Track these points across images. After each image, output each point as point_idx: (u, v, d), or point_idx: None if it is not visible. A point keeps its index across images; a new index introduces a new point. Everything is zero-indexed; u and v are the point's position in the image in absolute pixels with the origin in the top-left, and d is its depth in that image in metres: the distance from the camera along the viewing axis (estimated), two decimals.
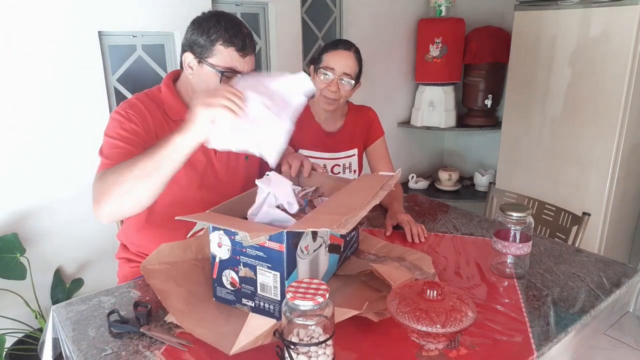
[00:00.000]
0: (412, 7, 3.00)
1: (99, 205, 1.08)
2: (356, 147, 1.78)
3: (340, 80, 1.59)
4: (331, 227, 0.87)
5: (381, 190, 1.10)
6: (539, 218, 1.80)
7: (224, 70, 1.20)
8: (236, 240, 0.96)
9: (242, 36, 1.21)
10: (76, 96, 1.82)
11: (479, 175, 3.16)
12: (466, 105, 3.11)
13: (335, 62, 1.59)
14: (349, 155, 1.77)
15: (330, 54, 1.60)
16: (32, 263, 1.72)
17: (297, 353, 0.79)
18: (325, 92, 1.61)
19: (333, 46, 1.62)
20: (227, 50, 1.20)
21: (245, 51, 1.21)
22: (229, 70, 1.21)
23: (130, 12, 1.90)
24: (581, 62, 2.33)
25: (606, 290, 1.12)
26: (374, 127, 1.80)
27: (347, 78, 1.60)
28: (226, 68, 1.20)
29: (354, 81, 1.62)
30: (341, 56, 1.60)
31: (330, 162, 1.75)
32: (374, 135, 1.79)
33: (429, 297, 0.91)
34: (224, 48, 1.20)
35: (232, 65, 1.21)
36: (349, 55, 1.60)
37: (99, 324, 1.00)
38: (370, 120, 1.80)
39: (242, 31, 1.22)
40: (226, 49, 1.20)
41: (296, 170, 1.32)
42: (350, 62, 1.60)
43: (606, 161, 2.30)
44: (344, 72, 1.59)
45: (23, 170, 1.75)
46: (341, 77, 1.59)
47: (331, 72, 1.59)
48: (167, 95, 1.30)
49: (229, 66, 1.21)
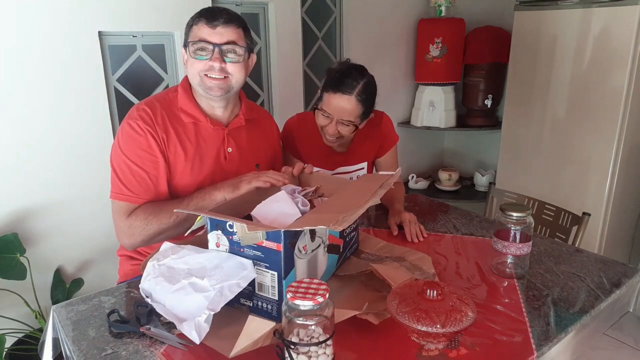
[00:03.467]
0: (412, 7, 3.00)
1: (131, 239, 1.22)
2: (366, 160, 1.70)
3: (339, 124, 1.47)
4: (328, 224, 0.87)
5: (380, 189, 1.10)
6: (539, 218, 1.80)
7: (193, 41, 1.22)
8: (234, 240, 0.96)
9: (214, 10, 1.22)
10: (76, 96, 1.82)
11: (479, 175, 3.16)
12: (466, 105, 3.11)
13: (332, 108, 1.44)
14: (357, 169, 1.70)
15: (329, 96, 1.45)
16: (32, 263, 1.72)
17: (297, 353, 0.79)
18: (325, 132, 1.52)
19: (334, 87, 1.43)
20: (197, 25, 1.22)
21: (214, 22, 1.20)
22: (197, 41, 1.21)
23: (130, 12, 1.90)
24: (581, 62, 2.33)
25: (606, 290, 1.12)
26: (387, 140, 1.68)
27: (346, 123, 1.46)
28: (195, 40, 1.21)
29: (355, 126, 1.48)
30: (339, 101, 1.43)
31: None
32: (387, 146, 1.69)
33: (429, 297, 0.91)
34: (195, 26, 1.22)
35: (201, 37, 1.21)
36: (349, 101, 1.42)
37: (99, 324, 1.00)
38: (384, 134, 1.66)
39: (216, 8, 1.23)
40: (197, 25, 1.22)
41: (298, 171, 1.32)
42: (350, 107, 1.43)
43: (606, 161, 2.30)
44: (342, 118, 1.45)
45: (23, 170, 1.75)
46: (340, 121, 1.46)
47: (328, 116, 1.46)
48: (183, 97, 1.30)
49: (197, 38, 1.21)
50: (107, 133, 1.91)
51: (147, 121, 1.23)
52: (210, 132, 1.32)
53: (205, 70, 1.23)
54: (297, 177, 1.34)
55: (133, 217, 1.20)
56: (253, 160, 1.41)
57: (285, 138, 1.65)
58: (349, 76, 1.44)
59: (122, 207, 1.22)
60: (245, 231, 0.93)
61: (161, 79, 2.11)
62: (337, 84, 1.43)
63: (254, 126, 1.43)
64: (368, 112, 1.50)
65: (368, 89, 1.46)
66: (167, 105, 1.29)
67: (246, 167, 1.38)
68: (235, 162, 1.36)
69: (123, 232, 1.22)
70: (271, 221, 1.06)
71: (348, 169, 1.69)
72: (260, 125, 1.46)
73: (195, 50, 1.22)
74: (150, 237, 1.21)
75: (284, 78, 2.47)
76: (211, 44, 1.20)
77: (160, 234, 1.21)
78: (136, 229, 1.20)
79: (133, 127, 1.22)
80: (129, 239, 1.22)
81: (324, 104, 1.47)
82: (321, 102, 1.49)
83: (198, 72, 1.23)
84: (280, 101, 2.46)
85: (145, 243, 1.23)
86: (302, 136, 1.63)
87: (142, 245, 1.24)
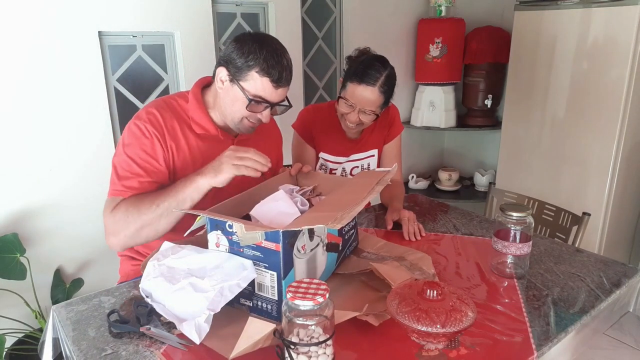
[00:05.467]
0: (412, 7, 3.00)
1: (117, 238, 1.16)
2: (376, 147, 1.76)
3: (361, 113, 1.53)
4: (326, 223, 0.87)
5: (377, 186, 1.10)
6: (539, 218, 1.80)
7: (252, 97, 1.19)
8: (233, 240, 0.96)
9: (280, 68, 1.18)
10: (76, 96, 1.82)
11: (479, 175, 3.16)
12: (466, 105, 3.11)
13: (356, 98, 1.50)
14: (368, 156, 1.76)
15: (353, 86, 1.50)
16: (32, 263, 1.72)
17: (297, 353, 0.79)
18: (346, 119, 1.57)
19: (358, 78, 1.49)
20: (262, 79, 1.17)
21: (280, 83, 1.19)
22: (258, 98, 1.19)
23: (130, 12, 1.90)
24: (581, 62, 2.33)
25: (606, 290, 1.12)
26: (394, 126, 1.75)
27: (368, 112, 1.53)
28: (255, 96, 1.19)
29: (376, 115, 1.54)
30: (363, 92, 1.49)
31: (349, 165, 1.75)
32: (393, 134, 1.76)
33: (429, 297, 0.91)
34: (259, 76, 1.17)
35: (263, 95, 1.19)
36: (372, 92, 1.49)
37: (99, 324, 1.00)
38: (391, 120, 1.74)
39: (282, 63, 1.18)
40: (261, 78, 1.17)
41: (296, 170, 1.32)
42: (373, 98, 1.50)
43: (606, 161, 2.30)
44: (365, 108, 1.51)
45: (23, 170, 1.75)
46: (362, 110, 1.52)
47: (351, 104, 1.52)
48: (194, 107, 1.28)
49: (259, 95, 1.19)
50: (107, 133, 1.91)
51: (155, 126, 1.22)
52: (220, 142, 1.31)
53: (250, 117, 1.24)
54: (295, 177, 1.34)
55: (115, 210, 1.15)
56: None
57: (301, 127, 1.71)
58: (372, 67, 1.50)
59: (109, 202, 1.18)
60: (243, 231, 0.93)
61: (161, 79, 2.11)
62: (361, 75, 1.49)
63: (261, 133, 1.42)
64: (388, 101, 1.58)
65: (390, 81, 1.53)
66: (178, 113, 1.27)
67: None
68: None
69: (108, 229, 1.17)
70: (270, 220, 1.06)
71: (360, 156, 1.75)
72: (264, 129, 1.46)
73: (252, 102, 1.20)
74: (134, 233, 1.14)
75: None
76: (269, 103, 1.21)
77: (144, 228, 1.14)
78: (118, 224, 1.14)
79: (140, 128, 1.21)
80: (115, 237, 1.16)
81: (347, 93, 1.53)
82: (344, 91, 1.54)
83: (242, 115, 1.23)
84: None
85: (131, 240, 1.17)
86: (318, 125, 1.70)
87: (130, 244, 1.19)
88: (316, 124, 1.69)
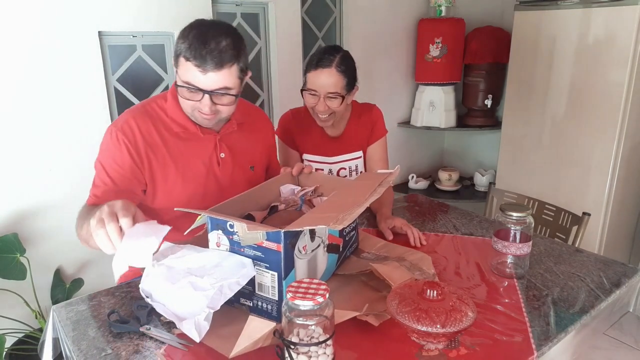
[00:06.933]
0: (412, 7, 3.00)
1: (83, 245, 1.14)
2: (361, 149, 1.74)
3: (327, 99, 1.53)
4: (328, 224, 0.87)
5: (379, 187, 1.10)
6: (539, 218, 1.80)
7: (182, 84, 1.15)
8: (234, 240, 0.96)
9: (205, 51, 1.10)
10: (76, 96, 1.82)
11: (479, 175, 3.16)
12: (466, 105, 3.11)
13: (316, 84, 1.52)
14: (354, 158, 1.74)
15: (311, 74, 1.53)
16: (32, 263, 1.72)
17: (297, 353, 0.79)
18: (316, 111, 1.56)
19: (313, 65, 1.53)
20: (186, 64, 1.13)
21: (205, 67, 1.11)
22: (186, 84, 1.15)
23: (130, 12, 1.90)
24: (581, 62, 2.33)
25: (606, 290, 1.12)
26: (376, 127, 1.73)
27: (332, 95, 1.52)
28: (185, 82, 1.15)
29: (341, 97, 1.53)
30: (321, 76, 1.50)
31: (335, 167, 1.73)
32: (376, 135, 1.73)
33: (429, 297, 0.91)
34: (184, 61, 1.13)
35: (191, 81, 1.14)
36: (330, 73, 1.50)
37: (99, 324, 1.00)
38: (374, 120, 1.73)
39: (209, 46, 1.10)
40: (186, 63, 1.13)
41: (298, 171, 1.32)
42: (333, 80, 1.50)
43: (606, 161, 2.30)
44: (328, 91, 1.51)
45: (23, 170, 1.75)
46: (327, 96, 1.52)
47: (315, 93, 1.53)
48: (172, 105, 1.27)
49: (187, 80, 1.14)
50: None
51: (127, 134, 1.20)
52: (202, 139, 1.30)
53: (196, 108, 1.20)
54: (297, 177, 1.34)
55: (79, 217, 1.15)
56: (247, 163, 1.41)
57: (282, 132, 1.71)
58: (325, 52, 1.54)
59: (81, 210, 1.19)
60: (245, 231, 0.93)
61: (161, 79, 2.11)
62: (317, 62, 1.53)
63: (247, 127, 1.41)
64: (351, 83, 1.57)
65: (345, 61, 1.54)
66: (155, 116, 1.26)
67: (240, 170, 1.38)
68: (229, 167, 1.35)
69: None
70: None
71: (345, 157, 1.73)
72: (254, 126, 1.45)
73: (184, 90, 1.16)
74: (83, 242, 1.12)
75: (284, 78, 2.47)
76: (201, 91, 1.15)
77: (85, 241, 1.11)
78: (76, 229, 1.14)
79: (112, 135, 1.21)
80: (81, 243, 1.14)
81: (308, 83, 1.55)
82: (305, 84, 1.57)
83: (189, 106, 1.21)
84: (280, 101, 2.46)
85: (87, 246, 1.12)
86: (298, 128, 1.70)
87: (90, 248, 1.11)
88: (296, 127, 1.69)
